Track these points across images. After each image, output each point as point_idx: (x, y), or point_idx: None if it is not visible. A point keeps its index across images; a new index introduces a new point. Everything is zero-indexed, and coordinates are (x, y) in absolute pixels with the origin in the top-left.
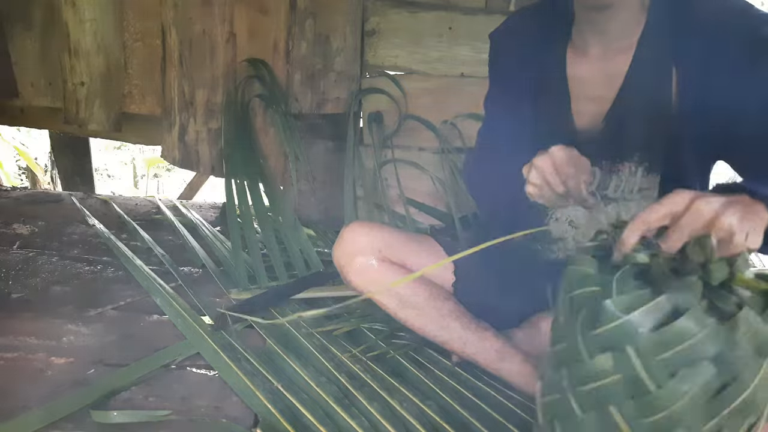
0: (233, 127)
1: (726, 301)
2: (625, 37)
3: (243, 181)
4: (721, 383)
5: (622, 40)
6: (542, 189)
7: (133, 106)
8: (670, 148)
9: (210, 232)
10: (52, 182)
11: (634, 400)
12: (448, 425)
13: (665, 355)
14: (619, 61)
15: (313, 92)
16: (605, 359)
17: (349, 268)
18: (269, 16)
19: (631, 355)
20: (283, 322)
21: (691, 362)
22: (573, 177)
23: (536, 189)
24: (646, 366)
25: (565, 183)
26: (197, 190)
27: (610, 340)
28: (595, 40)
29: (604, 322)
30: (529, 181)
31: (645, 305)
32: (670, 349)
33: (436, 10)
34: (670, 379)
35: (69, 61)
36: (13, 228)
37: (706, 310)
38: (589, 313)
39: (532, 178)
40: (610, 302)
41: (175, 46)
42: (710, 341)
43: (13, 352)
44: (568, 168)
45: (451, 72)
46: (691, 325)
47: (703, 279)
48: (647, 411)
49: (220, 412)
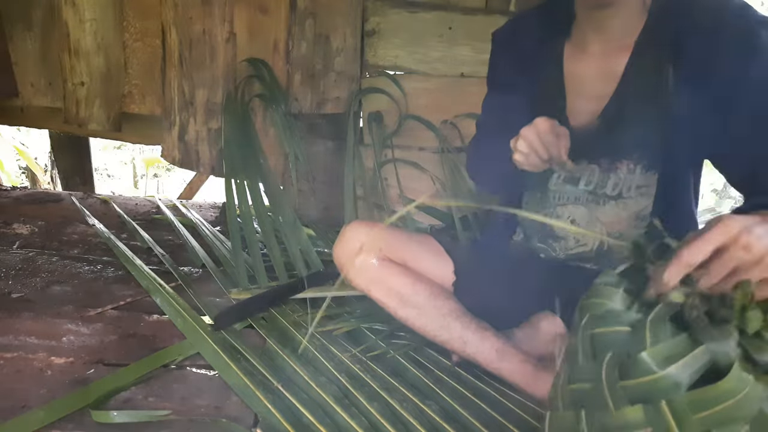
0: (233, 127)
1: (762, 352)
2: (625, 35)
3: (243, 181)
4: None
5: (622, 39)
6: (528, 156)
7: (133, 106)
8: (667, 147)
9: (210, 232)
10: (52, 182)
11: None
12: (448, 425)
13: (703, 415)
14: (617, 60)
15: (313, 92)
16: (635, 412)
17: (349, 266)
18: (269, 16)
19: (665, 412)
20: (305, 343)
21: (731, 422)
22: (554, 144)
23: (523, 157)
24: (680, 424)
25: (548, 149)
26: (197, 190)
27: (644, 393)
28: (595, 38)
29: (638, 374)
30: (517, 150)
31: (683, 358)
32: (709, 408)
33: (436, 10)
34: None
35: (69, 61)
36: (13, 228)
37: (743, 362)
38: (617, 359)
39: (520, 147)
40: (647, 354)
41: (175, 46)
42: (751, 400)
43: (13, 352)
44: (550, 136)
45: (451, 72)
46: (736, 384)
47: (738, 326)
48: None
49: (220, 412)
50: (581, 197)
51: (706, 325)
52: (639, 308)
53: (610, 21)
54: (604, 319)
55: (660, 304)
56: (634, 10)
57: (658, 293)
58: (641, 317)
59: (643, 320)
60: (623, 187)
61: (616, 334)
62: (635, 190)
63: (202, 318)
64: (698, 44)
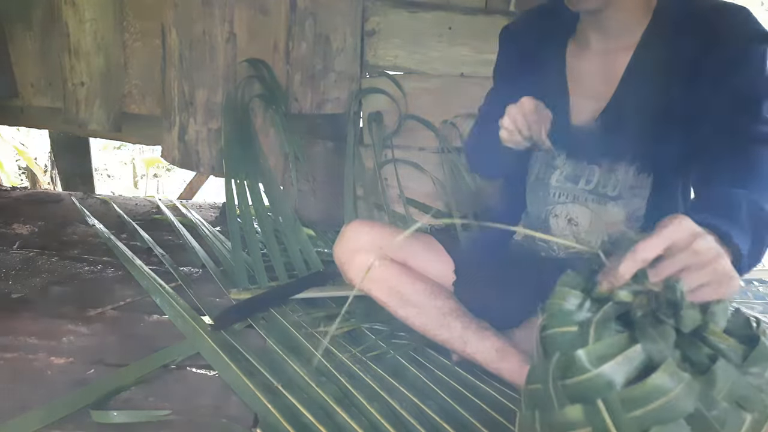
0: (233, 127)
1: (699, 352)
2: (627, 35)
3: (243, 181)
4: None
5: (624, 39)
6: (512, 134)
7: (133, 106)
8: (662, 149)
9: (210, 232)
10: (52, 182)
11: None
12: (448, 425)
13: (637, 413)
14: (619, 59)
15: (313, 92)
16: (575, 411)
17: (350, 266)
18: (269, 16)
19: (601, 410)
20: (318, 357)
21: (665, 420)
22: (536, 123)
23: (508, 133)
24: (616, 423)
25: (530, 128)
26: (197, 190)
27: (581, 391)
28: (597, 37)
29: (576, 373)
30: (503, 126)
31: (618, 356)
32: (643, 406)
33: (436, 10)
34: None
35: (69, 61)
36: (13, 228)
37: (680, 362)
38: (562, 359)
39: (505, 123)
40: (582, 353)
41: (175, 46)
42: (685, 398)
43: (13, 352)
44: (533, 115)
45: (451, 72)
46: (666, 381)
47: (676, 327)
48: None
49: (220, 412)
50: (580, 196)
51: (646, 324)
52: (591, 307)
53: (610, 22)
54: (555, 318)
55: (609, 302)
56: (633, 11)
57: (610, 288)
58: (590, 316)
59: (590, 319)
60: (622, 187)
61: (565, 334)
62: (629, 191)
63: (202, 318)
64: (698, 50)
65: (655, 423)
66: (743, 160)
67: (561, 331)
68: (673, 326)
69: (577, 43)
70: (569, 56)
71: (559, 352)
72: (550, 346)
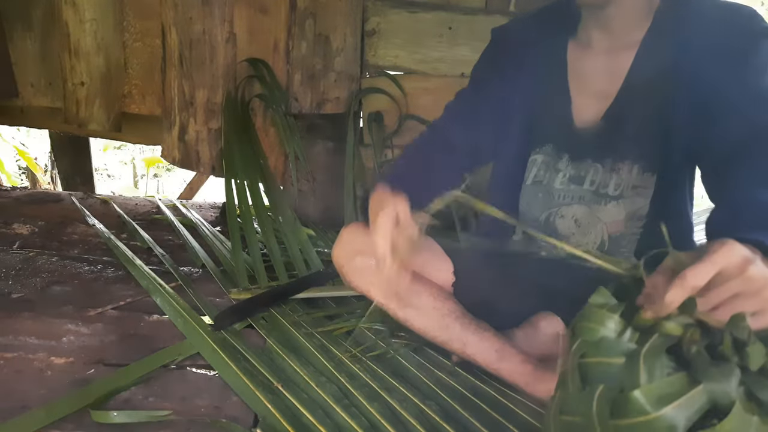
0: (233, 127)
1: (766, 391)
2: (630, 34)
3: (243, 181)
4: None
5: (627, 37)
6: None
7: (133, 106)
8: (667, 149)
9: (210, 232)
10: (52, 182)
11: None
12: (448, 425)
13: None
14: (622, 57)
15: (313, 92)
16: None
17: (349, 268)
18: (269, 16)
19: None
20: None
21: None
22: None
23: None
24: None
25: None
26: (197, 190)
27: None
28: (600, 36)
29: (631, 414)
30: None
31: (680, 398)
32: None
33: (436, 10)
34: None
35: (69, 61)
36: (13, 228)
37: (746, 403)
38: (608, 393)
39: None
40: (640, 393)
41: (175, 46)
42: None
43: (13, 352)
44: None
45: (451, 72)
46: (736, 426)
47: (740, 364)
48: None
49: (220, 412)
50: (585, 196)
51: (706, 362)
52: (632, 334)
53: (613, 19)
54: (596, 347)
55: (656, 333)
56: (639, 9)
57: (656, 315)
58: (635, 347)
59: (638, 351)
60: (624, 186)
61: (608, 366)
62: (632, 190)
63: (202, 318)
64: (701, 49)
65: None
66: (764, 157)
67: (604, 361)
68: (737, 364)
69: (579, 43)
70: (570, 57)
71: (603, 385)
72: (591, 377)
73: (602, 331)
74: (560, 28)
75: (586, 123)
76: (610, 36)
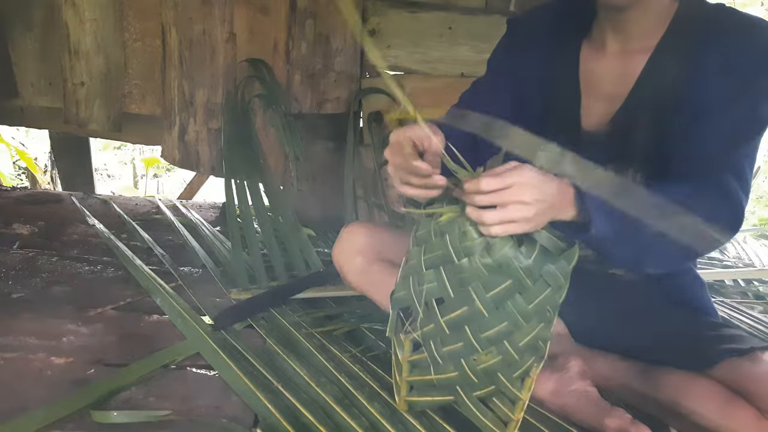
0: (233, 127)
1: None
2: (646, 38)
3: (243, 181)
4: None
5: (642, 41)
6: (394, 152)
7: (133, 106)
8: (670, 158)
9: (210, 232)
10: (52, 182)
11: None
12: (448, 425)
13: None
14: (635, 61)
15: (313, 92)
16: None
17: (349, 269)
18: (269, 16)
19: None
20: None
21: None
22: (402, 167)
23: (389, 151)
24: None
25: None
26: (197, 190)
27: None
28: (615, 38)
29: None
30: (391, 141)
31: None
32: None
33: (436, 10)
34: None
35: (69, 61)
36: (13, 228)
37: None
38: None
39: (393, 138)
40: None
41: (175, 46)
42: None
43: (13, 352)
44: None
45: (451, 72)
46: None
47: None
48: None
49: (220, 412)
50: None
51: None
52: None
53: (629, 23)
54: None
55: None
56: (655, 14)
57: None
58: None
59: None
60: None
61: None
62: None
63: (202, 318)
64: (715, 60)
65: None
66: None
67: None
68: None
69: (592, 44)
70: (583, 57)
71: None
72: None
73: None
74: (574, 26)
75: (594, 125)
76: (624, 39)
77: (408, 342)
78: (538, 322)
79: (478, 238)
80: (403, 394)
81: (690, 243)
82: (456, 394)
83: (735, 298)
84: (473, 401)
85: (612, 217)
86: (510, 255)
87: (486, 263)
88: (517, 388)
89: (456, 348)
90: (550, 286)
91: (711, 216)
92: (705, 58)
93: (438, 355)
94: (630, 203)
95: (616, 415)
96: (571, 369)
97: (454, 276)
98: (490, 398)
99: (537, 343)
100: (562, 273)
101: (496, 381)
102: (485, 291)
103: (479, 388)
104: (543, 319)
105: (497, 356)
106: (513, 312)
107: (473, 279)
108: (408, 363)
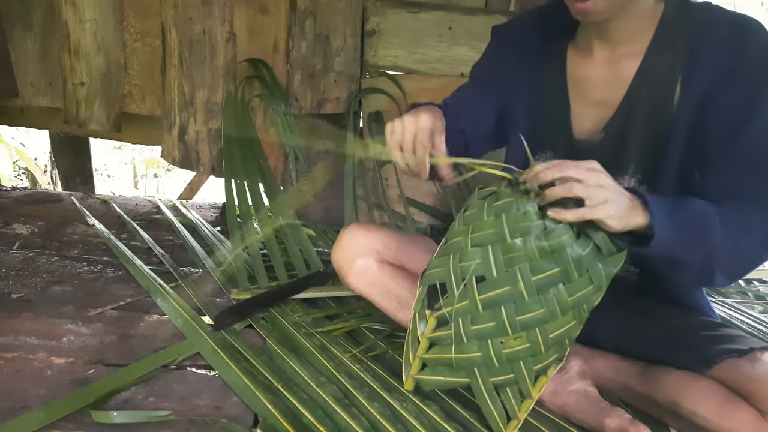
0: (233, 127)
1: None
2: (633, 43)
3: (243, 181)
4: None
5: (630, 46)
6: (395, 137)
7: (133, 106)
8: (665, 162)
9: (210, 232)
10: (52, 182)
11: None
12: (448, 425)
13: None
14: (626, 66)
15: (313, 92)
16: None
17: (348, 270)
18: (269, 16)
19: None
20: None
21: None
22: (423, 148)
23: (391, 137)
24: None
25: (414, 146)
26: (197, 190)
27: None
28: (602, 44)
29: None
30: (392, 128)
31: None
32: None
33: (436, 10)
34: None
35: (69, 61)
36: (13, 228)
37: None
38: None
39: (396, 125)
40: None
41: (175, 46)
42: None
43: (13, 352)
44: (424, 136)
45: (451, 72)
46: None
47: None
48: None
49: (220, 412)
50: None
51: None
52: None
53: (616, 31)
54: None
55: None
56: (642, 18)
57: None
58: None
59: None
60: None
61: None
62: None
63: (202, 318)
64: (712, 60)
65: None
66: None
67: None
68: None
69: (579, 50)
70: (570, 62)
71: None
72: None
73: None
74: (560, 30)
75: (586, 133)
76: (612, 45)
77: (433, 318)
78: (572, 318)
79: (538, 219)
80: (413, 372)
81: (744, 259)
82: (472, 377)
83: (735, 298)
84: (488, 387)
85: (679, 228)
86: (566, 242)
87: (540, 246)
88: (532, 384)
89: (486, 327)
90: (592, 284)
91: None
92: (699, 59)
93: (465, 334)
94: (689, 219)
95: (616, 415)
96: (571, 369)
97: (503, 255)
98: (503, 389)
99: (564, 340)
100: (607, 274)
101: (516, 370)
102: (532, 274)
103: (497, 374)
104: (577, 316)
105: (525, 343)
106: (553, 300)
107: (522, 260)
108: (427, 340)
